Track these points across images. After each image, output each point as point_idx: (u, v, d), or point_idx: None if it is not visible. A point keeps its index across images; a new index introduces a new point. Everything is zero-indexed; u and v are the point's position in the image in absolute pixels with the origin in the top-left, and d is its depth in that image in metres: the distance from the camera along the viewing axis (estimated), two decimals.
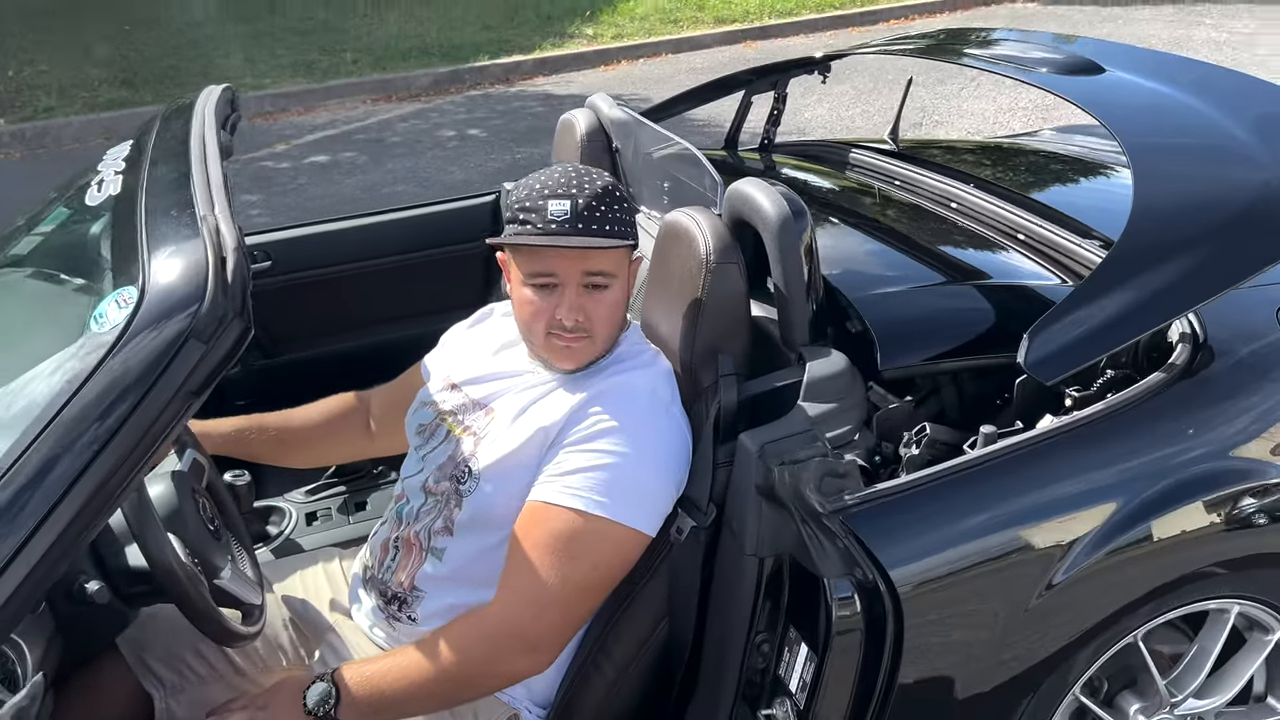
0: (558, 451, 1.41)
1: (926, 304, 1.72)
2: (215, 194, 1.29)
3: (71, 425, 1.10)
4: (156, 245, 1.22)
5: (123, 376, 1.11)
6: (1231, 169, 1.59)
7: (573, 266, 1.39)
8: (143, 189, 1.39)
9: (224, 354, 1.14)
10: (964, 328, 1.66)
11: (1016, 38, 2.41)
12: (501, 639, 1.37)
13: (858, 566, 1.33)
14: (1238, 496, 1.50)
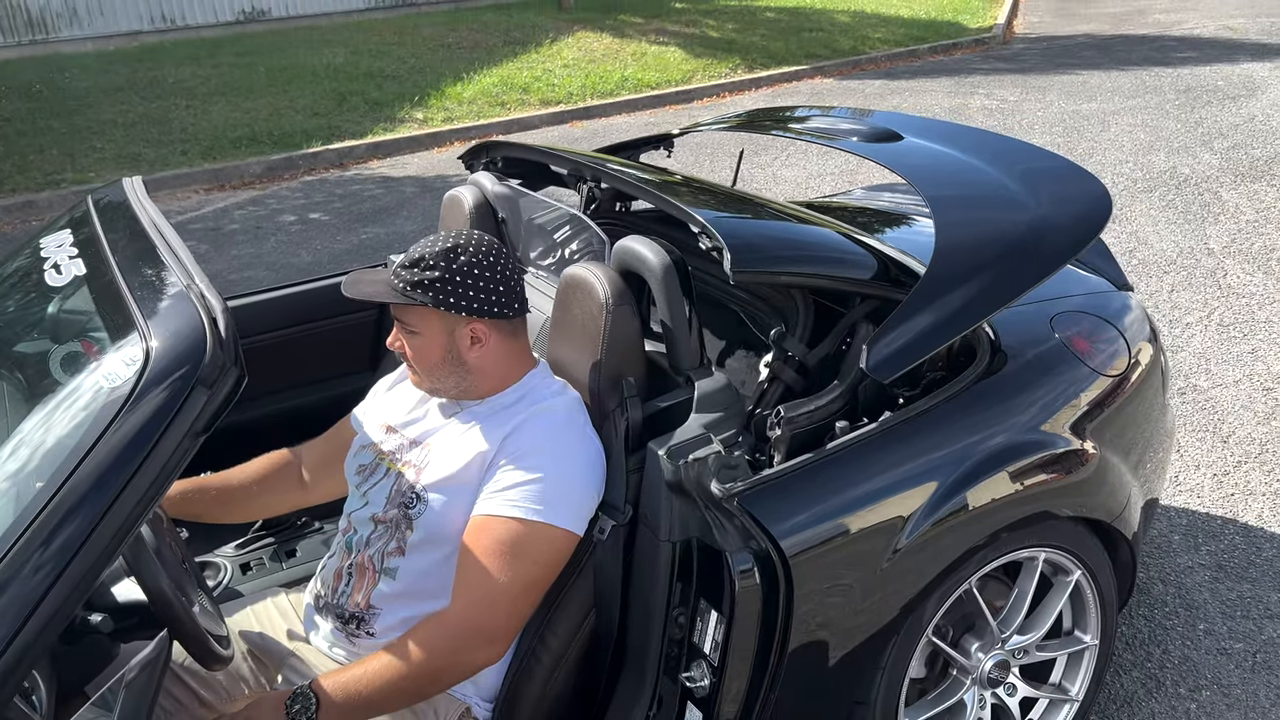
0: (495, 472, 1.66)
1: (774, 227, 2.08)
2: (190, 266, 1.51)
3: (101, 463, 1.28)
4: (150, 311, 1.42)
5: (142, 421, 1.31)
6: (1006, 212, 2.03)
7: (391, 308, 1.74)
8: (114, 267, 1.58)
9: (224, 397, 1.35)
10: (807, 249, 1.99)
11: (825, 113, 2.86)
12: (463, 634, 1.59)
13: (753, 539, 1.63)
14: (1031, 466, 1.89)
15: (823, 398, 1.80)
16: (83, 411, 1.37)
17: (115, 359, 1.39)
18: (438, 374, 1.74)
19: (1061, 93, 9.41)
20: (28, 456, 1.38)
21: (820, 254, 1.97)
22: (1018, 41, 13.05)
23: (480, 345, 1.73)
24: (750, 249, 1.80)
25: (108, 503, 1.27)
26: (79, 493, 1.27)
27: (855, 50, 12.07)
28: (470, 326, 1.71)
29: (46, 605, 1.23)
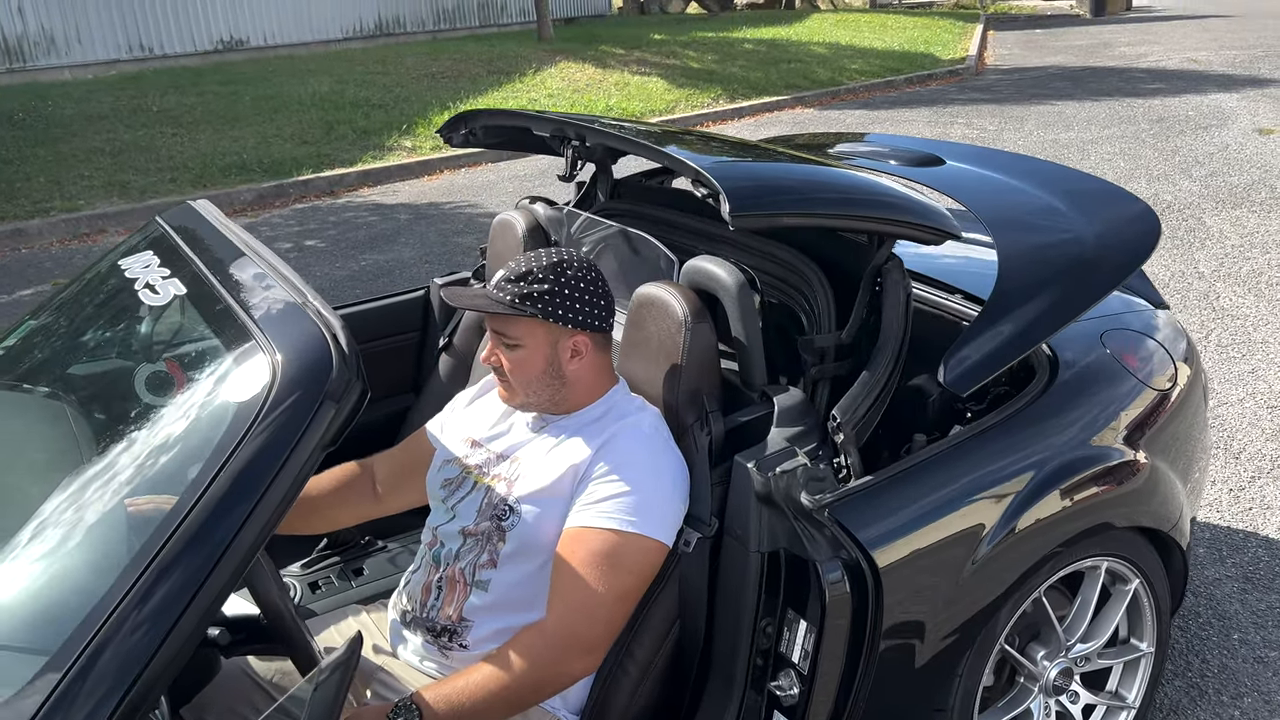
0: (588, 484, 1.69)
1: (777, 169, 2.04)
2: (299, 284, 1.54)
3: (237, 477, 1.30)
4: (270, 328, 1.44)
5: (274, 435, 1.32)
6: (1061, 231, 2.10)
7: (488, 321, 1.78)
8: (217, 285, 1.60)
9: (350, 410, 1.38)
10: (814, 190, 1.93)
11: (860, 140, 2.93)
12: (563, 645, 1.62)
13: (843, 549, 1.67)
14: (1097, 476, 1.95)
15: (873, 383, 1.81)
16: (206, 427, 1.39)
17: (239, 375, 1.41)
18: (535, 387, 1.77)
19: (1039, 122, 9.63)
20: (137, 474, 1.40)
21: (828, 194, 1.90)
22: (990, 73, 13.35)
23: (579, 358, 1.77)
24: (749, 192, 1.72)
25: (243, 516, 1.29)
26: (215, 506, 1.28)
27: (834, 81, 12.29)
28: (573, 339, 1.75)
29: (186, 620, 1.24)
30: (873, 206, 1.87)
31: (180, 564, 1.26)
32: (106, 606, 1.24)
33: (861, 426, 1.79)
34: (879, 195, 1.92)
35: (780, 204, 1.78)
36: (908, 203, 1.90)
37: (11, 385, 1.91)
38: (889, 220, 1.85)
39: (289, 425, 1.33)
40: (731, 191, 1.68)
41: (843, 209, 1.84)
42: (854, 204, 1.87)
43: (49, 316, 1.99)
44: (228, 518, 1.29)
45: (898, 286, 1.87)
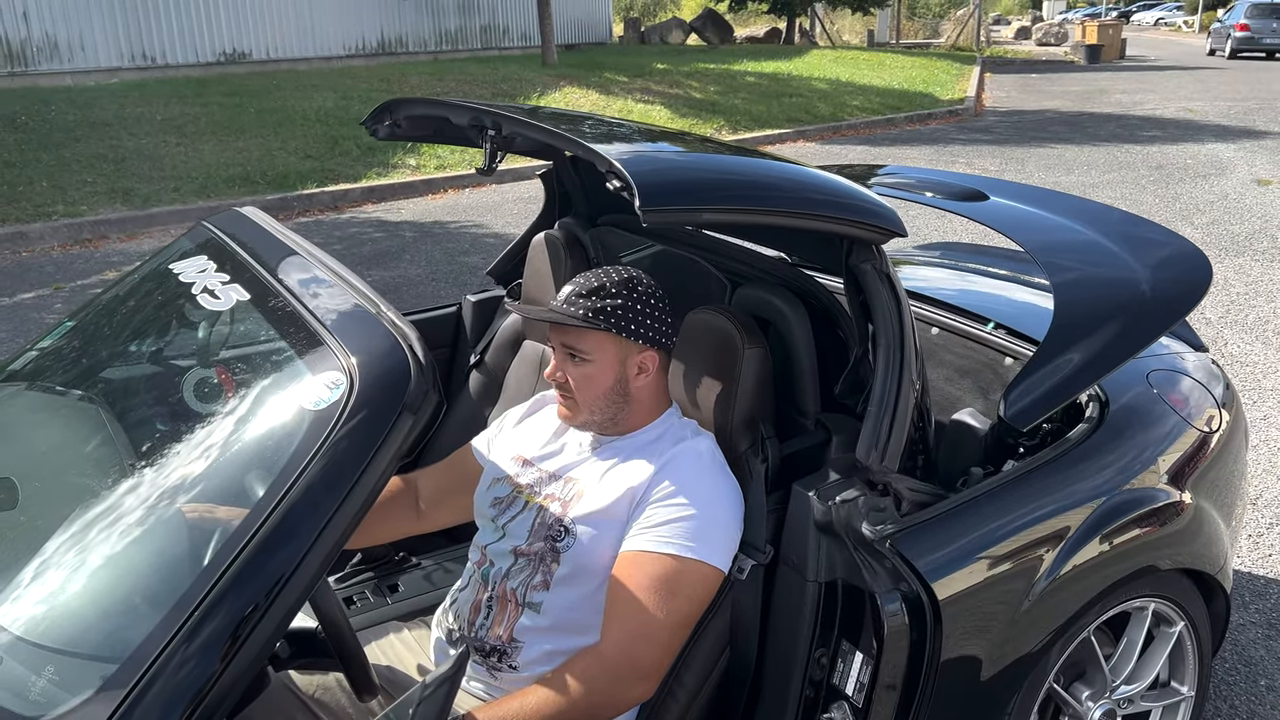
0: (644, 508, 1.67)
1: (701, 160, 1.87)
2: (371, 294, 1.51)
3: (311, 488, 1.27)
4: (344, 335, 1.42)
5: (351, 446, 1.30)
6: (1115, 269, 2.10)
7: (555, 336, 1.76)
8: (283, 291, 1.57)
9: (427, 421, 1.35)
10: (741, 182, 1.76)
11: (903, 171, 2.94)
12: (621, 670, 1.59)
13: (903, 581, 1.65)
14: (1144, 516, 1.95)
15: (884, 405, 1.70)
16: (278, 435, 1.36)
17: (313, 383, 1.38)
18: (600, 404, 1.75)
19: (1039, 165, 9.72)
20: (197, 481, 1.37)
21: (755, 188, 1.74)
22: (989, 114, 13.50)
23: (645, 376, 1.76)
24: (664, 186, 1.55)
25: (318, 528, 1.26)
26: (289, 517, 1.25)
27: (835, 116, 12.40)
28: (642, 356, 1.74)
29: (261, 629, 1.21)
30: (806, 203, 1.71)
31: (254, 577, 1.23)
32: (177, 617, 1.21)
33: (892, 450, 1.71)
34: (814, 190, 1.77)
35: (697, 197, 1.59)
36: (849, 199, 1.76)
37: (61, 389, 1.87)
38: (827, 217, 1.69)
39: (367, 436, 1.31)
40: (644, 184, 1.50)
41: (771, 204, 1.69)
42: (784, 199, 1.71)
43: (95, 320, 1.96)
44: (302, 529, 1.26)
45: (878, 285, 1.73)
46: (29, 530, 1.53)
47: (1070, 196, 2.60)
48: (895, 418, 1.69)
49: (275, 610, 1.22)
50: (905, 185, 2.66)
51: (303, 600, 1.26)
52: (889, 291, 1.73)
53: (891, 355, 1.71)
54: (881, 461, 1.68)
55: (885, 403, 1.69)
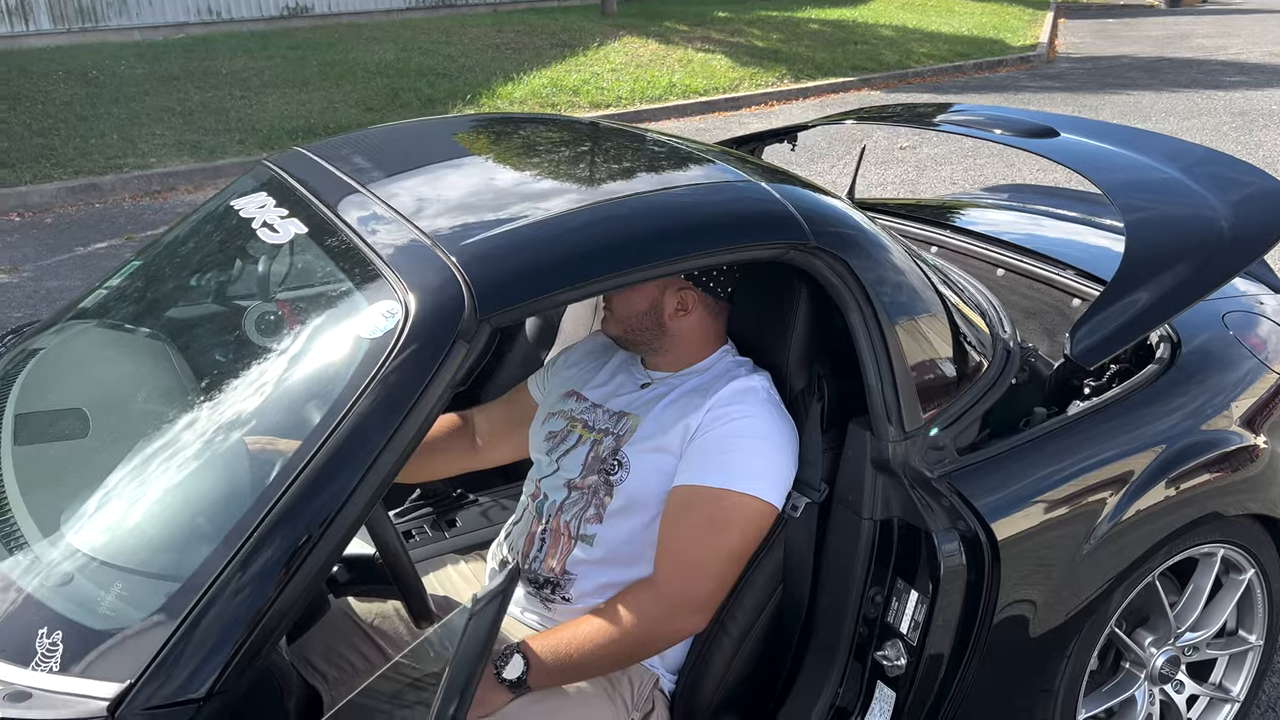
0: (699, 442, 1.66)
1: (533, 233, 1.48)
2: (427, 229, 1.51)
3: (367, 416, 1.29)
4: (399, 267, 1.42)
5: (406, 375, 1.31)
6: (1190, 205, 2.03)
7: None
8: (340, 224, 1.58)
9: (480, 351, 1.36)
10: (583, 251, 1.47)
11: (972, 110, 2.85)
12: (674, 602, 1.59)
13: (960, 519, 1.63)
14: (1215, 461, 1.88)
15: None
16: (336, 365, 1.38)
17: (369, 313, 1.39)
18: (632, 323, 1.75)
19: (1115, 112, 9.41)
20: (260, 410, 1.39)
21: (610, 248, 1.49)
22: (1062, 61, 13.07)
23: (684, 315, 1.74)
24: (503, 279, 1.39)
25: (373, 455, 1.28)
26: (343, 446, 1.27)
27: (901, 64, 12.10)
28: (681, 293, 1.72)
29: (319, 551, 1.24)
30: (679, 247, 1.51)
31: (307, 506, 1.25)
32: (234, 543, 1.23)
33: (909, 414, 1.63)
34: (688, 227, 1.56)
35: (544, 281, 1.41)
36: (735, 223, 1.58)
37: (129, 325, 1.92)
38: (714, 251, 1.54)
39: (421, 364, 1.32)
40: (481, 282, 1.36)
41: (633, 263, 1.48)
42: (653, 251, 1.50)
43: (161, 257, 2.00)
44: (357, 457, 1.27)
45: (815, 263, 1.60)
46: (98, 458, 1.57)
47: (1147, 133, 2.51)
48: (898, 384, 1.64)
49: (329, 538, 1.25)
50: (973, 123, 2.59)
51: (355, 528, 1.28)
52: (829, 265, 1.60)
53: (866, 325, 1.63)
54: (904, 430, 1.64)
55: (880, 375, 1.64)
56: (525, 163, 1.82)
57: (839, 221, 1.69)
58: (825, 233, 1.62)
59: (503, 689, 1.55)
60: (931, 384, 1.69)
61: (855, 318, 1.64)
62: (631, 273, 1.49)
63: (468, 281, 1.37)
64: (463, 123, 2.18)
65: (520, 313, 1.41)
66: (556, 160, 1.84)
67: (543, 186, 1.66)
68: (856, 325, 1.64)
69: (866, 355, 1.64)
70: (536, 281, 1.41)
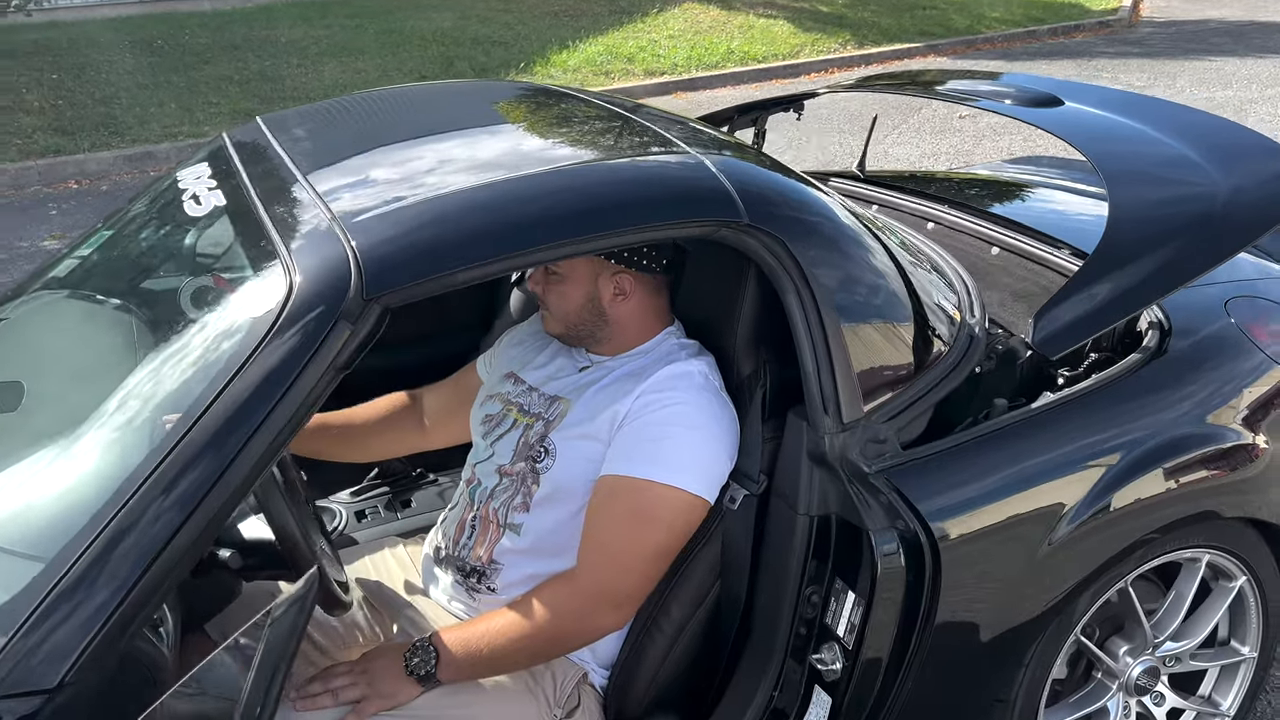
0: (627, 430, 1.58)
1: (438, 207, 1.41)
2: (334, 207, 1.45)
3: (240, 394, 1.24)
4: (295, 245, 1.37)
5: (284, 353, 1.26)
6: (1188, 183, 1.87)
7: None
8: (256, 198, 1.54)
9: (368, 332, 1.30)
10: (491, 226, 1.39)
11: (980, 77, 2.70)
12: (592, 597, 1.52)
13: (900, 519, 1.52)
14: (1204, 459, 1.74)
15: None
16: (223, 343, 1.33)
17: (258, 290, 1.34)
18: (572, 319, 1.68)
19: (1193, 79, 8.95)
20: (161, 389, 1.35)
21: (529, 221, 1.42)
22: (1144, 25, 12.48)
23: (623, 299, 1.65)
24: (395, 256, 1.33)
25: (246, 436, 1.23)
26: (217, 424, 1.23)
27: (971, 29, 11.68)
28: (616, 278, 1.64)
29: (182, 537, 1.20)
30: (595, 222, 1.44)
31: (175, 487, 1.21)
32: (99, 522, 1.20)
33: (848, 402, 1.54)
34: (612, 200, 1.49)
35: (444, 257, 1.35)
36: (659, 197, 1.50)
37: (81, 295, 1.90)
38: (635, 228, 1.46)
39: (299, 345, 1.27)
40: (371, 260, 1.30)
41: (554, 237, 1.41)
42: (570, 225, 1.42)
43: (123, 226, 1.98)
44: (226, 440, 1.23)
45: (747, 241, 1.51)
46: (17, 432, 1.56)
47: (1163, 103, 2.32)
48: (836, 373, 1.53)
49: (194, 523, 1.21)
50: (978, 92, 2.44)
51: (226, 512, 1.24)
52: (765, 245, 1.51)
53: (804, 309, 1.52)
54: (841, 421, 1.54)
55: (818, 362, 1.53)
56: (460, 135, 1.75)
57: (779, 199, 1.59)
58: (762, 211, 1.52)
59: (411, 682, 1.50)
60: (877, 372, 1.59)
61: (792, 301, 1.54)
62: (538, 252, 1.41)
63: (358, 260, 1.31)
64: (425, 92, 2.12)
65: (414, 293, 1.34)
66: (492, 132, 1.76)
67: (466, 160, 1.58)
68: (793, 309, 1.54)
69: (803, 341, 1.54)
70: (432, 261, 1.35)
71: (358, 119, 1.92)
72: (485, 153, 1.59)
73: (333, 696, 1.49)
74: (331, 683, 1.51)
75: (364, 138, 1.78)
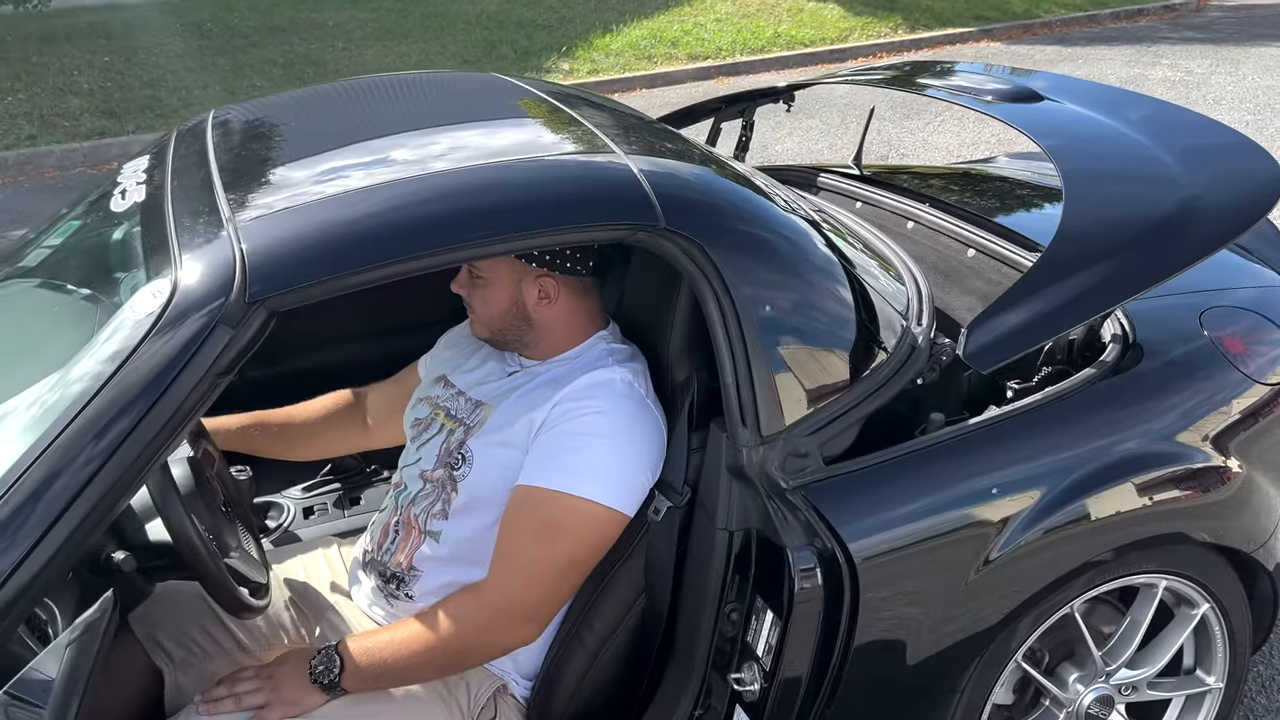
0: (542, 437, 1.54)
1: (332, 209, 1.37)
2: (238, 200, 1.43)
3: (118, 398, 1.22)
4: (186, 244, 1.35)
5: (162, 356, 1.24)
6: (1151, 189, 1.76)
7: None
8: (168, 196, 1.52)
9: (250, 337, 1.27)
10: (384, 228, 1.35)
11: (974, 70, 2.59)
12: (497, 611, 1.49)
13: (818, 538, 1.46)
14: (1159, 480, 1.65)
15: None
16: (109, 344, 1.31)
17: (147, 291, 1.32)
18: (497, 324, 1.64)
19: (1257, 66, 8.59)
20: (49, 390, 1.34)
21: (432, 221, 1.38)
22: (1213, 9, 12.02)
23: (548, 302, 1.61)
24: (282, 258, 1.30)
25: (118, 440, 1.22)
26: (91, 427, 1.22)
27: (1029, 13, 11.35)
28: (540, 281, 1.59)
29: (51, 538, 1.19)
30: (501, 223, 1.39)
31: (51, 483, 1.20)
32: None
33: (767, 417, 1.48)
34: (521, 201, 1.42)
35: (330, 261, 1.31)
36: (570, 199, 1.44)
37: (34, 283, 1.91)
38: (544, 231, 1.41)
39: (175, 349, 1.25)
40: (257, 264, 1.28)
41: (454, 238, 1.37)
42: (470, 227, 1.38)
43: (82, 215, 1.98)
44: (103, 439, 1.22)
45: (665, 245, 1.45)
46: None
47: (1156, 102, 2.19)
48: (755, 383, 1.47)
49: (58, 529, 1.19)
50: (953, 87, 2.34)
51: (97, 520, 1.22)
52: (683, 250, 1.44)
53: (723, 317, 1.46)
54: (760, 434, 1.48)
55: (737, 372, 1.47)
56: (389, 133, 1.70)
57: (703, 202, 1.53)
58: (681, 214, 1.46)
59: (315, 690, 1.49)
60: (802, 383, 1.52)
61: (711, 308, 1.48)
62: (439, 255, 1.37)
63: (244, 263, 1.28)
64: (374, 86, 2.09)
65: (301, 296, 1.31)
66: (419, 130, 1.72)
67: (381, 159, 1.55)
68: (713, 316, 1.48)
69: (723, 350, 1.49)
70: (319, 264, 1.31)
71: (298, 116, 1.89)
72: (403, 152, 1.55)
73: (236, 701, 1.48)
74: (236, 687, 1.50)
75: (293, 135, 1.75)
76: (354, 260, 1.33)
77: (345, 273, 1.32)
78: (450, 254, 1.39)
